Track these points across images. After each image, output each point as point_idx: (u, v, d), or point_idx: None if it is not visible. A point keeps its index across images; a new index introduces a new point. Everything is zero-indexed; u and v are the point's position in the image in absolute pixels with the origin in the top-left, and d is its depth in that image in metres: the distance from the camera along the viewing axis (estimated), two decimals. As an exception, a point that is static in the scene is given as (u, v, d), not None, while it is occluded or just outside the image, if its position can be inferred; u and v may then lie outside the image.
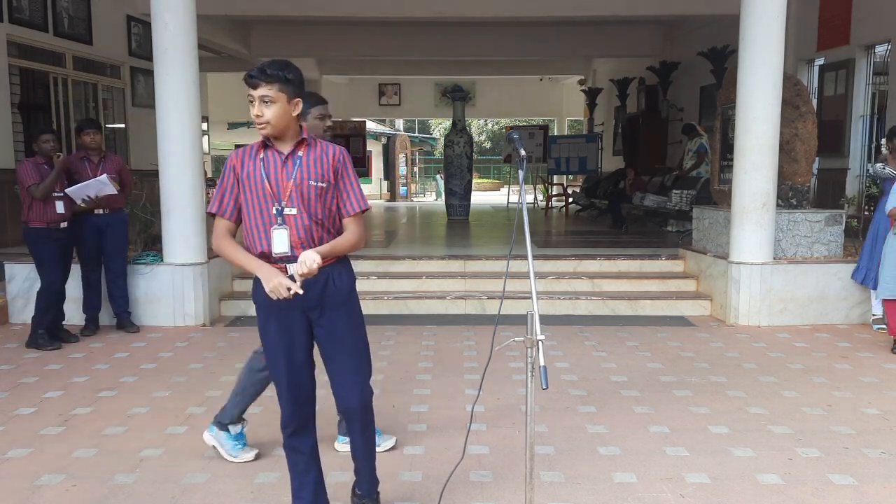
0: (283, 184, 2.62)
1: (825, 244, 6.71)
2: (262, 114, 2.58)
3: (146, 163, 9.28)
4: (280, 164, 2.64)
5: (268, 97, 2.57)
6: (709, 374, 5.01)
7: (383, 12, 10.92)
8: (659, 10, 10.84)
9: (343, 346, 2.74)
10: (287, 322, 2.68)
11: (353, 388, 2.77)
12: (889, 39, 8.83)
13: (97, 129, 6.04)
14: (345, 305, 2.73)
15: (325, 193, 2.66)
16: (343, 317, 2.73)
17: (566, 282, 7.28)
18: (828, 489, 3.29)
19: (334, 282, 2.70)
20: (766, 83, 6.27)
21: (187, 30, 6.33)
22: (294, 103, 2.62)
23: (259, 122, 2.60)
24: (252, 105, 2.59)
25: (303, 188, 2.62)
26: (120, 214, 6.16)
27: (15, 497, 3.21)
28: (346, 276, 2.76)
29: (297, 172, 2.63)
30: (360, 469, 2.96)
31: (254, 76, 2.56)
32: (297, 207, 2.61)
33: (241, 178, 2.66)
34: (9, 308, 6.52)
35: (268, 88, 2.56)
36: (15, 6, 8.83)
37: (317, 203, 2.64)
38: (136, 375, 4.99)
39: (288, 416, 2.74)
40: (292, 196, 2.61)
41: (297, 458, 2.79)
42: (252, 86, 2.57)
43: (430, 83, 22.97)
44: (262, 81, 2.56)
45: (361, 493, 3.01)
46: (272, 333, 2.70)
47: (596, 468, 3.50)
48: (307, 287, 2.59)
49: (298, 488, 2.82)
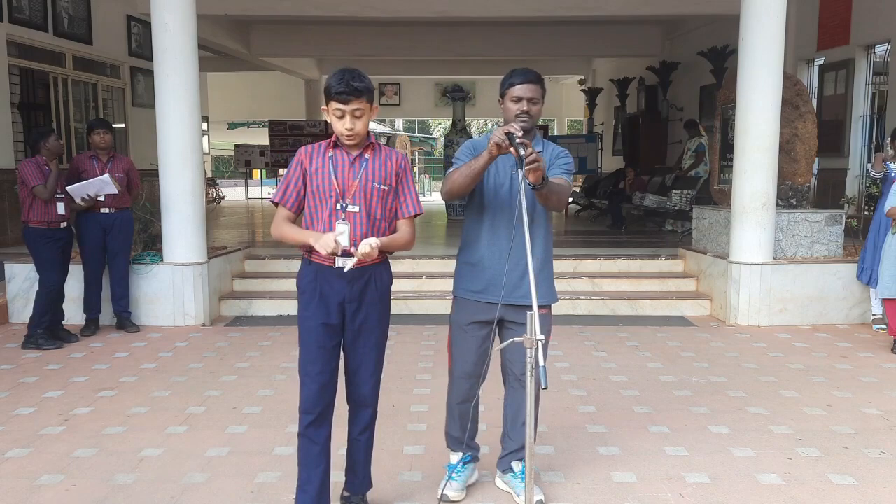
0: (349, 183, 2.76)
1: (825, 244, 6.71)
2: (353, 127, 2.69)
3: (146, 163, 9.26)
4: (348, 164, 2.77)
5: (360, 111, 2.67)
6: (709, 374, 5.01)
7: (383, 12, 10.92)
8: (659, 10, 10.84)
9: (370, 339, 2.87)
10: (326, 310, 2.78)
11: (370, 379, 2.91)
12: (889, 39, 8.83)
13: (108, 128, 6.06)
14: (381, 303, 2.89)
15: (387, 195, 2.82)
16: (376, 313, 2.87)
17: (566, 282, 7.27)
18: (828, 489, 3.29)
19: (376, 280, 2.85)
20: (766, 83, 6.26)
21: (187, 30, 6.33)
22: (374, 110, 2.76)
23: (350, 133, 2.70)
24: (342, 119, 2.68)
25: (367, 189, 2.76)
26: (125, 213, 6.16)
27: (15, 497, 3.21)
28: (387, 275, 2.93)
29: (364, 174, 2.77)
30: (359, 463, 3.01)
31: (346, 92, 2.63)
32: (360, 206, 2.76)
33: (309, 173, 2.78)
34: (9, 308, 6.52)
35: (359, 102, 2.66)
36: (15, 6, 8.84)
37: (378, 204, 2.79)
38: (136, 375, 4.99)
39: (313, 402, 2.78)
40: (356, 195, 2.75)
41: (310, 449, 2.82)
42: (343, 101, 2.65)
43: (430, 83, 22.98)
44: (354, 97, 2.64)
45: (352, 492, 3.04)
46: (310, 319, 2.79)
47: (596, 468, 3.50)
48: (352, 281, 2.75)
49: (306, 480, 2.83)
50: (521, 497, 3.10)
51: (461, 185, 2.94)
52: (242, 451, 3.68)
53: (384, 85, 23.15)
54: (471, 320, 3.13)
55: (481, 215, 3.08)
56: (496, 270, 3.04)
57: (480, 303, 3.09)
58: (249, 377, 4.93)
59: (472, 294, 3.11)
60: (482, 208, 3.08)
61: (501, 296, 2.96)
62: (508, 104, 2.98)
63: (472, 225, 3.13)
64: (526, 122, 2.94)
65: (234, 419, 4.14)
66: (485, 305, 3.08)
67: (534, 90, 2.97)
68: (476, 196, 3.08)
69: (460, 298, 3.18)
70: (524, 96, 2.96)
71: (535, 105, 2.98)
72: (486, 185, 3.05)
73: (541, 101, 3.01)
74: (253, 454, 3.66)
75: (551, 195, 2.88)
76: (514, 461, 3.24)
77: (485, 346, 3.13)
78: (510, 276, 3.00)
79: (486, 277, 3.07)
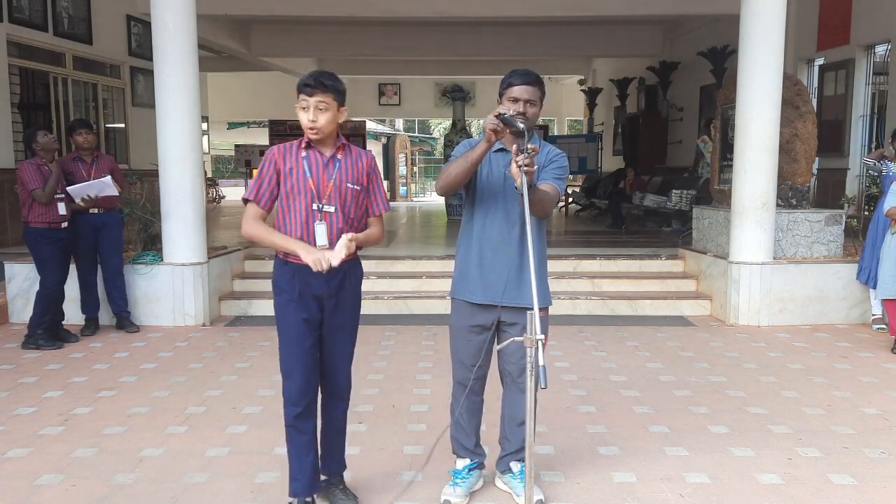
0: (325, 184, 2.83)
1: (825, 244, 6.71)
2: (316, 119, 2.76)
3: (146, 162, 9.28)
4: (322, 165, 2.85)
5: (324, 104, 2.76)
6: (708, 374, 5.01)
7: (383, 12, 10.91)
8: (659, 10, 10.83)
9: (346, 332, 3.00)
10: (305, 306, 2.86)
11: (344, 368, 3.05)
12: (889, 39, 8.83)
13: (89, 129, 6.04)
14: (355, 297, 3.00)
15: (359, 195, 2.91)
16: (350, 306, 2.97)
17: (566, 282, 7.28)
18: (827, 489, 3.29)
19: (350, 276, 2.95)
20: (766, 83, 6.26)
21: (187, 30, 6.33)
22: (342, 111, 2.83)
23: (312, 126, 2.77)
24: (306, 111, 2.76)
25: (342, 189, 2.85)
26: (114, 214, 6.16)
27: (15, 497, 3.21)
28: (360, 270, 3.04)
29: (338, 174, 2.85)
30: (334, 448, 3.10)
31: (311, 85, 2.74)
32: (335, 206, 2.83)
33: (282, 173, 2.83)
34: (9, 308, 6.52)
35: (324, 96, 2.75)
36: (15, 6, 8.83)
37: (352, 204, 2.88)
38: (136, 375, 4.99)
39: (298, 395, 2.90)
40: (331, 196, 2.83)
41: (299, 439, 2.94)
42: (308, 93, 2.75)
43: (430, 83, 22.97)
44: (319, 90, 2.74)
45: (329, 472, 3.12)
46: (291, 316, 2.87)
47: (596, 468, 3.50)
48: (329, 278, 2.84)
49: (297, 470, 2.96)
50: (520, 497, 3.10)
51: (456, 176, 2.92)
52: (242, 451, 3.69)
53: (384, 85, 23.14)
54: (468, 323, 3.12)
55: (474, 216, 3.07)
56: (490, 272, 3.01)
57: (477, 305, 3.07)
58: (249, 377, 4.93)
59: (468, 296, 3.09)
60: (476, 209, 3.06)
61: (499, 298, 2.95)
62: (506, 104, 2.97)
63: (466, 226, 3.12)
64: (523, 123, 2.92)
65: (234, 419, 4.14)
66: (481, 308, 3.06)
67: (531, 92, 2.95)
68: (470, 196, 3.08)
69: (457, 301, 3.17)
70: (521, 98, 2.94)
71: (533, 107, 2.96)
72: (479, 185, 3.04)
73: (539, 103, 2.99)
74: (253, 454, 3.66)
75: (535, 203, 2.81)
76: (512, 462, 3.23)
77: (484, 349, 3.11)
78: (504, 277, 2.97)
79: (481, 279, 3.04)
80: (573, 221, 13.20)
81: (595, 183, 14.14)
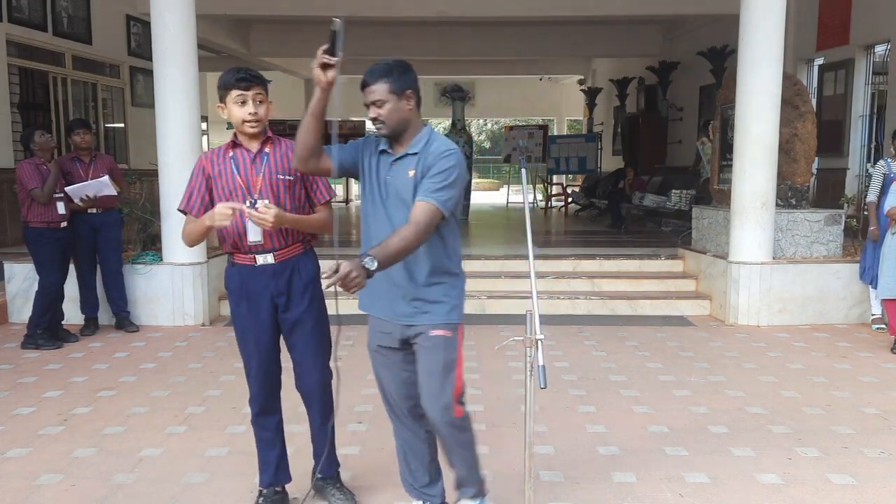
0: (254, 178, 2.82)
1: (824, 244, 6.71)
2: (257, 111, 2.77)
3: (145, 162, 9.28)
4: (249, 161, 2.84)
5: (261, 95, 2.79)
6: (708, 374, 5.01)
7: (383, 12, 10.92)
8: (659, 10, 10.84)
9: (305, 329, 2.93)
10: (256, 306, 2.88)
11: (313, 370, 2.97)
12: (888, 39, 8.83)
13: (87, 128, 6.03)
14: (309, 292, 2.92)
15: (293, 186, 2.86)
16: (306, 303, 2.91)
17: (566, 281, 7.28)
18: (827, 489, 3.29)
19: (300, 271, 2.90)
20: (765, 83, 6.26)
21: (187, 30, 6.32)
22: (270, 105, 2.86)
23: (254, 118, 2.77)
24: (245, 105, 2.76)
25: (273, 182, 2.83)
26: (113, 213, 6.15)
27: (15, 497, 3.21)
28: (312, 265, 2.96)
29: (266, 168, 2.83)
30: (320, 450, 3.08)
31: (247, 79, 2.74)
32: (269, 199, 2.78)
33: (212, 177, 2.85)
34: (8, 308, 6.52)
35: (260, 88, 2.77)
36: (14, 6, 8.83)
37: (286, 195, 2.84)
38: (136, 375, 4.99)
39: (254, 395, 2.99)
40: (262, 190, 2.81)
41: (263, 434, 3.05)
42: (244, 88, 2.74)
43: (430, 83, 22.93)
44: (255, 83, 2.76)
45: (325, 474, 3.12)
46: (243, 317, 2.91)
47: (596, 468, 3.50)
48: (276, 275, 2.83)
49: (263, 463, 3.07)
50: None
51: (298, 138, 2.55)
52: (242, 451, 3.68)
53: (384, 85, 23.09)
54: (376, 342, 2.77)
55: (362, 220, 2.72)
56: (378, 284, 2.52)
57: (376, 319, 2.75)
58: (249, 377, 4.93)
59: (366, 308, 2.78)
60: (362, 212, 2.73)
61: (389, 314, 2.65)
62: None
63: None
64: (381, 129, 2.55)
65: (234, 419, 4.13)
66: (380, 323, 2.72)
67: (376, 91, 2.51)
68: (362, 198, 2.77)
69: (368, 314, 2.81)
70: (368, 101, 2.53)
71: (385, 105, 2.51)
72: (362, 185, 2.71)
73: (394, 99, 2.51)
74: (253, 454, 3.61)
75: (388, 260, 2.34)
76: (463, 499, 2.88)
77: (404, 373, 2.74)
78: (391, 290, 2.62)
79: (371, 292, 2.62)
80: (573, 221, 13.20)
81: (595, 183, 14.14)
